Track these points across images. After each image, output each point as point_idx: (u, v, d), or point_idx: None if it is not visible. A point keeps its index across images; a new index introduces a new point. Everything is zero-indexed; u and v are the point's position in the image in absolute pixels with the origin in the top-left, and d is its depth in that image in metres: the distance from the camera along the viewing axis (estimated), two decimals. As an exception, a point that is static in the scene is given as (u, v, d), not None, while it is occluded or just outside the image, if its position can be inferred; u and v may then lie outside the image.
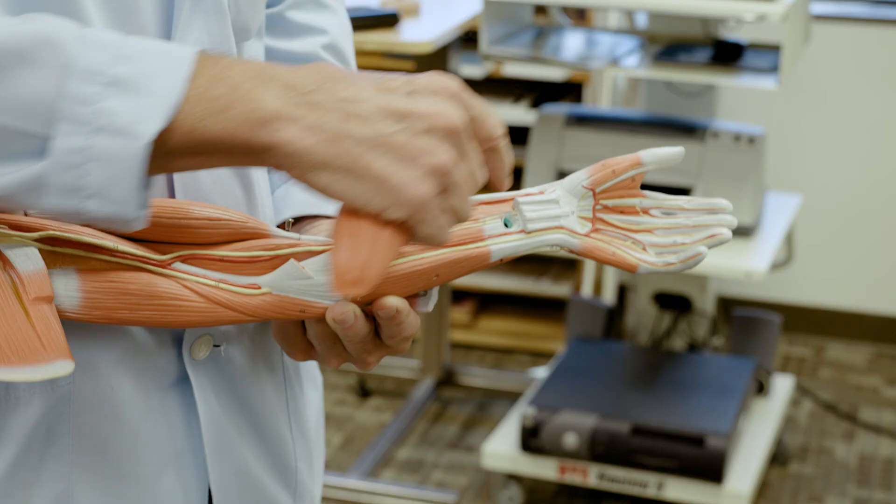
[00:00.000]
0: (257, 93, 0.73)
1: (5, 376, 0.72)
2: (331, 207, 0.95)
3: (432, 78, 0.77)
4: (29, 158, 0.71)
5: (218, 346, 0.89)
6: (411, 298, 0.84)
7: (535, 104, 3.51)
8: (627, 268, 0.88)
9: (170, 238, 0.81)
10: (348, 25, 1.08)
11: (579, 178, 0.89)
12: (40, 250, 0.77)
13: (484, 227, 0.86)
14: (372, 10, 2.62)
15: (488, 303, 3.76)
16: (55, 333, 0.75)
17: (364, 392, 3.36)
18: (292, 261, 0.82)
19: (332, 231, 0.77)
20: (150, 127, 0.71)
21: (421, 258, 0.83)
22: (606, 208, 0.89)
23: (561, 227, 0.87)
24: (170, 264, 0.80)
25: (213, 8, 0.85)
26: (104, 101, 0.71)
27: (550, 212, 0.87)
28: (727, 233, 0.88)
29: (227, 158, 0.74)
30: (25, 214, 0.78)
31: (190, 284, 0.80)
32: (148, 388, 0.86)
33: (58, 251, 0.78)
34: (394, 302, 0.81)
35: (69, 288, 0.78)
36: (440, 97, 0.75)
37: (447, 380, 3.35)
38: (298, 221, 0.96)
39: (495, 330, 3.67)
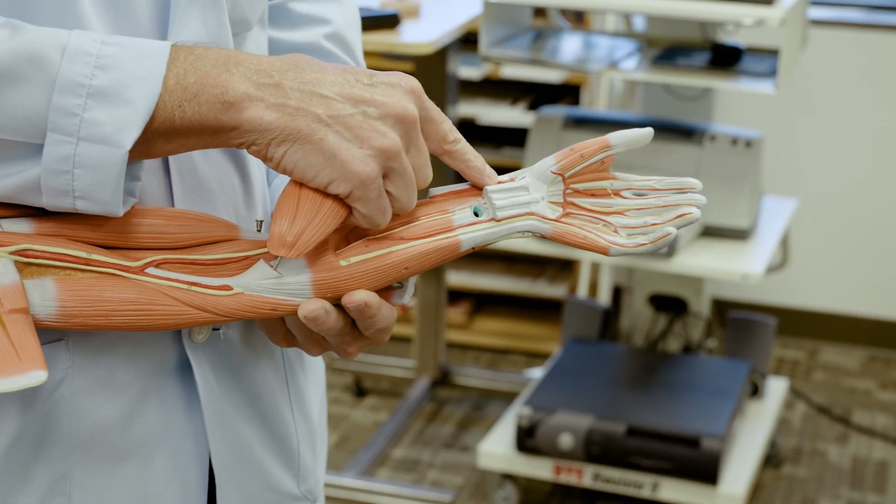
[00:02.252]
0: (225, 77, 0.78)
1: None
2: None
3: (394, 74, 0.83)
4: (25, 161, 0.76)
5: (217, 328, 0.91)
6: (386, 291, 0.86)
7: (533, 106, 3.52)
8: (599, 250, 0.88)
9: (142, 244, 0.83)
10: (355, 15, 1.09)
11: (548, 163, 0.89)
12: (16, 262, 0.79)
13: (453, 218, 0.86)
14: (373, 11, 2.62)
15: (484, 303, 3.77)
16: (30, 344, 0.76)
17: (360, 391, 3.37)
18: (262, 261, 0.84)
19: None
20: (129, 135, 0.76)
21: (389, 251, 0.84)
22: (577, 192, 0.90)
23: (531, 214, 0.88)
24: (143, 270, 0.82)
25: (210, 0, 0.86)
26: (87, 111, 0.75)
27: (520, 198, 0.88)
28: (696, 212, 0.88)
29: (199, 140, 0.79)
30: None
31: (163, 288, 0.82)
32: (146, 373, 0.88)
33: (33, 262, 0.79)
34: (362, 296, 0.83)
35: (46, 297, 0.79)
36: (398, 91, 0.81)
37: (443, 380, 3.36)
38: None
39: (491, 330, 3.68)
